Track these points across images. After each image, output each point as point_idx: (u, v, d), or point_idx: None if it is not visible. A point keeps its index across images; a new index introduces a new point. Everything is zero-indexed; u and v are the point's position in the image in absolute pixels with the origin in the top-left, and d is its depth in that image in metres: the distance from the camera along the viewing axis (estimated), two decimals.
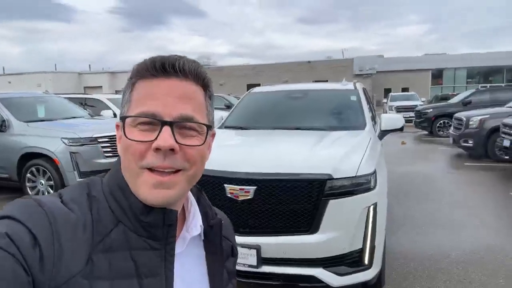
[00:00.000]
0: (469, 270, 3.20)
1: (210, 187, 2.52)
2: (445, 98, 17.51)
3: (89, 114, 6.94)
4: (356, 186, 2.36)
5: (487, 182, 6.27)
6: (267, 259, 2.37)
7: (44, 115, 6.05)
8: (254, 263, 2.37)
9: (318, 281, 2.34)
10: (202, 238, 0.71)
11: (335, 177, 2.32)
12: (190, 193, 0.72)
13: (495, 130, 7.83)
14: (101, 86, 34.54)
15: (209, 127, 0.63)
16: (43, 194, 5.13)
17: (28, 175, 5.32)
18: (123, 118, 0.60)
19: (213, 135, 0.70)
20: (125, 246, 0.58)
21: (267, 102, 4.07)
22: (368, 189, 2.40)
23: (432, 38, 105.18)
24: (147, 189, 0.58)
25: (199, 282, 0.69)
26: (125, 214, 0.60)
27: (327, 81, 26.82)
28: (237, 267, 2.41)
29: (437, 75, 34.07)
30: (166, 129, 0.57)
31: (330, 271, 2.34)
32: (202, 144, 0.61)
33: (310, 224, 2.34)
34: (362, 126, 3.37)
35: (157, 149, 0.56)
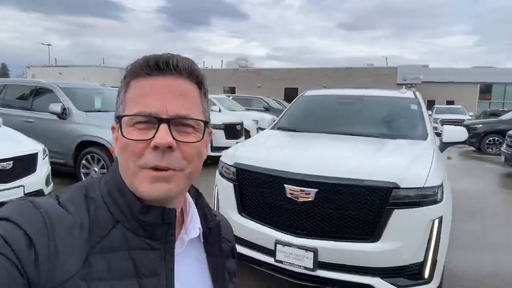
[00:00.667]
0: None
1: (269, 186, 2.55)
2: (495, 114, 16.58)
3: None
4: (423, 198, 2.29)
5: None
6: (324, 263, 2.35)
7: (100, 106, 6.36)
8: (310, 266, 2.36)
9: None
10: (202, 240, 0.70)
11: (401, 186, 2.26)
12: (188, 195, 0.71)
13: None
14: None
15: (206, 123, 0.63)
16: None
17: (83, 161, 5.61)
18: (119, 118, 0.60)
19: (210, 132, 0.70)
20: (124, 247, 0.58)
21: (321, 106, 4.05)
22: (435, 202, 2.32)
23: (479, 50, 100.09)
24: (147, 184, 0.57)
25: (199, 284, 0.68)
26: (123, 215, 0.59)
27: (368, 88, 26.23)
28: (292, 268, 2.40)
29: (485, 90, 32.30)
30: (164, 127, 0.56)
31: (388, 282, 2.29)
32: (199, 141, 0.61)
33: (371, 232, 2.31)
34: (423, 136, 3.27)
35: (155, 147, 0.56)
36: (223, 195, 2.90)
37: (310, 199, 2.38)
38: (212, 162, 8.37)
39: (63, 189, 0.64)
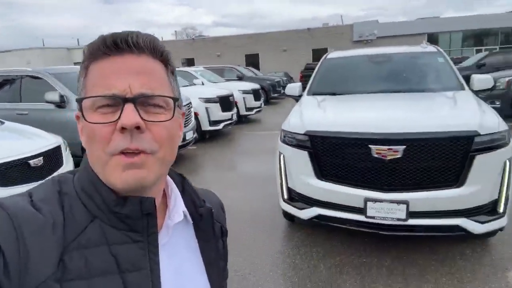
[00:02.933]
0: None
1: (353, 149, 2.66)
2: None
3: None
4: (498, 141, 2.52)
5: None
6: (415, 212, 2.55)
7: None
8: (403, 216, 2.55)
9: (461, 229, 2.55)
10: (191, 222, 0.68)
11: (481, 133, 2.47)
12: (169, 179, 0.68)
13: None
14: None
15: (176, 99, 0.58)
16: None
17: None
18: (79, 101, 0.55)
19: (183, 114, 0.66)
20: (103, 242, 0.54)
21: (350, 67, 4.15)
22: (505, 144, 2.57)
23: (419, 3, 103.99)
24: (118, 173, 0.53)
25: (194, 270, 0.66)
26: (99, 209, 0.56)
27: (326, 48, 26.79)
28: (384, 222, 2.58)
29: (432, 39, 34.09)
30: (129, 106, 0.52)
31: (472, 220, 2.55)
32: (169, 120, 0.56)
33: (457, 179, 2.52)
34: (460, 87, 3.52)
35: (123, 129, 0.52)
36: (294, 163, 2.97)
37: (398, 156, 2.52)
38: (210, 137, 8.37)
39: None
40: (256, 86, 10.74)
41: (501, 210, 2.60)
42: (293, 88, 4.30)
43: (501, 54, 12.45)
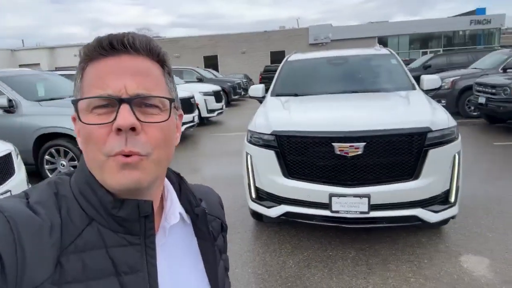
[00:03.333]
0: None
1: (317, 147, 2.76)
2: None
3: None
4: (447, 136, 2.74)
5: (467, 135, 7.13)
6: (376, 205, 2.70)
7: (44, 94, 5.66)
8: (366, 209, 2.68)
9: (418, 219, 2.73)
10: (189, 222, 0.69)
11: (433, 129, 2.67)
12: (166, 180, 0.68)
13: (466, 89, 8.80)
14: (39, 63, 31.69)
15: (172, 100, 0.58)
16: None
17: (47, 157, 5.06)
18: (75, 102, 0.55)
19: (181, 115, 0.66)
20: (100, 244, 0.55)
21: (311, 69, 4.28)
22: (454, 139, 2.80)
23: (371, 6, 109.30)
24: (114, 174, 0.53)
25: (192, 270, 0.66)
26: (96, 211, 0.56)
27: (284, 51, 27.34)
28: (347, 215, 2.71)
29: (382, 42, 35.92)
30: (125, 107, 0.52)
31: (427, 210, 2.74)
32: (166, 120, 0.56)
33: (413, 172, 2.70)
34: (411, 87, 3.77)
35: (119, 130, 0.52)
36: (262, 162, 3.02)
37: (359, 153, 2.66)
38: None
39: None
40: (217, 87, 10.71)
41: (452, 199, 2.82)
42: (257, 89, 4.37)
43: (445, 56, 13.41)
